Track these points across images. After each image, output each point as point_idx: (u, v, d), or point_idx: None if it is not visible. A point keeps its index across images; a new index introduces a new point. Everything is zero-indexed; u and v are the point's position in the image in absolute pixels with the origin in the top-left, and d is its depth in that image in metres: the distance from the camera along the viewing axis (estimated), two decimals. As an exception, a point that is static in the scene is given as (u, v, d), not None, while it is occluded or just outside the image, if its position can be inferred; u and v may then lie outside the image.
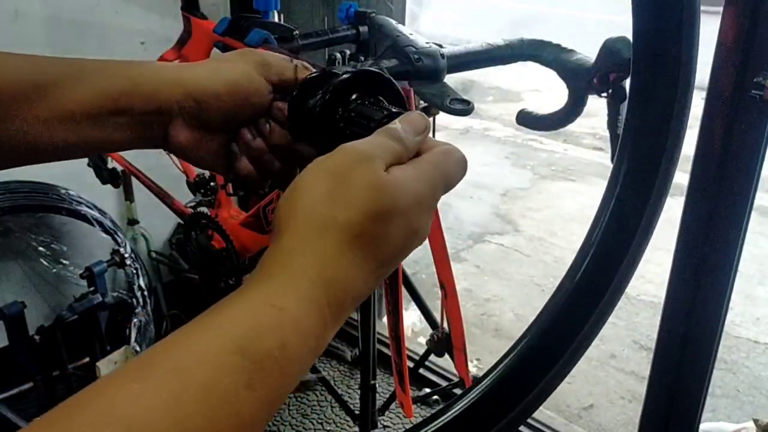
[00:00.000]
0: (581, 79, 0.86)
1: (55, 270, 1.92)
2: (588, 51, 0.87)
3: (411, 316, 2.28)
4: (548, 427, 1.80)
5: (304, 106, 0.52)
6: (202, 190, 1.57)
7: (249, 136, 0.57)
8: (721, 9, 0.84)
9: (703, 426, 1.14)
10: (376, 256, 0.40)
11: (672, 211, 0.87)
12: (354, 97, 0.50)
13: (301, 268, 0.38)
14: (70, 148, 0.53)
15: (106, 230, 1.91)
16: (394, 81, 0.51)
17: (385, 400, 1.59)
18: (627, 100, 0.78)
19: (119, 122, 0.53)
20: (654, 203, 0.78)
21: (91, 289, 1.78)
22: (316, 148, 0.54)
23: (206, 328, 0.36)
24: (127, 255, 1.90)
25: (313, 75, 0.53)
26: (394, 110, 0.49)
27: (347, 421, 1.86)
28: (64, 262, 1.93)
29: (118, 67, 0.55)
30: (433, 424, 0.88)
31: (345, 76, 0.50)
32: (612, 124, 0.88)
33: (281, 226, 0.40)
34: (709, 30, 0.76)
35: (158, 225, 2.17)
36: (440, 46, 0.92)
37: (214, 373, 0.33)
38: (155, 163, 1.77)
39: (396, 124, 0.46)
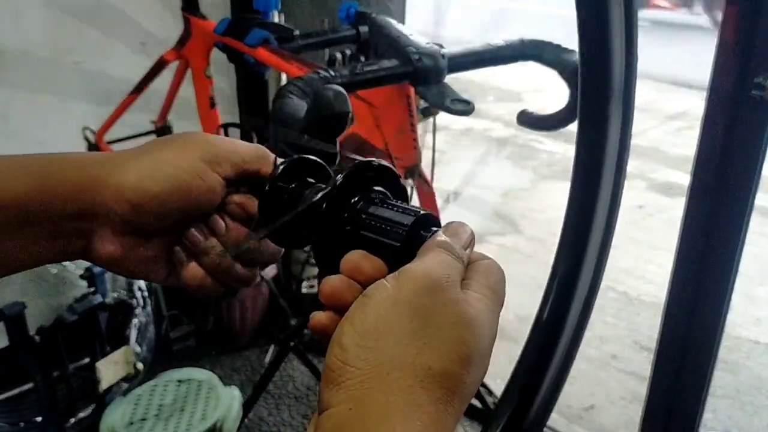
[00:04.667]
0: (582, 79, 0.86)
1: (55, 270, 1.92)
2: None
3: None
4: (549, 428, 1.80)
5: (286, 206, 0.46)
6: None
7: (199, 237, 0.47)
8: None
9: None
10: (461, 405, 0.35)
11: (673, 211, 0.87)
12: (357, 198, 0.43)
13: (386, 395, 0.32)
14: None
15: (106, 230, 1.91)
16: (392, 168, 0.45)
17: (385, 400, 1.58)
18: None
19: (27, 234, 0.42)
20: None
21: (92, 289, 1.78)
22: (292, 246, 0.49)
23: None
24: (127, 255, 1.90)
25: (284, 165, 0.47)
26: (414, 208, 0.43)
27: (347, 421, 1.86)
28: (65, 262, 1.93)
29: (26, 161, 0.45)
30: None
31: (344, 174, 0.43)
32: (612, 124, 0.87)
33: (361, 373, 0.33)
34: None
35: (158, 225, 2.17)
36: (440, 46, 0.92)
37: None
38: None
39: (443, 237, 0.40)
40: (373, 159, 0.44)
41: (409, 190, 1.16)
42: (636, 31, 0.69)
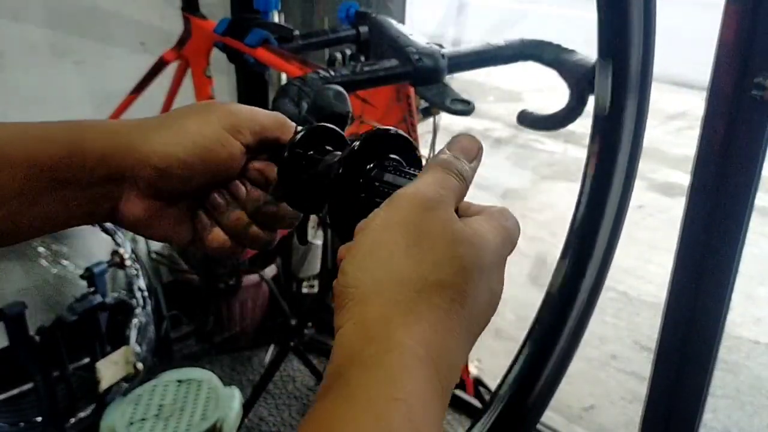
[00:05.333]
0: (582, 79, 0.86)
1: (55, 270, 1.92)
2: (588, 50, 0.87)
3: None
4: (549, 428, 1.80)
5: (304, 171, 0.47)
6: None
7: (220, 201, 0.49)
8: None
9: None
10: (469, 320, 0.36)
11: (673, 211, 0.87)
12: (372, 165, 0.44)
13: (407, 347, 0.33)
14: None
15: (106, 231, 1.91)
16: (408, 137, 0.45)
17: (385, 400, 1.58)
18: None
19: (58, 197, 0.44)
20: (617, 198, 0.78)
21: (91, 289, 1.78)
22: (309, 210, 0.50)
23: (345, 389, 0.31)
24: (127, 255, 1.90)
25: (303, 132, 0.48)
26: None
27: (347, 421, 1.86)
28: (65, 262, 1.93)
29: (54, 129, 0.46)
30: None
31: (360, 140, 0.43)
32: (612, 124, 0.87)
33: (359, 292, 0.35)
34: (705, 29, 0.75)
35: (158, 225, 2.17)
36: (441, 46, 0.92)
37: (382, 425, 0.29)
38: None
39: (447, 154, 0.41)
40: (390, 128, 0.45)
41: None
42: (655, 21, 0.68)
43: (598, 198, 0.77)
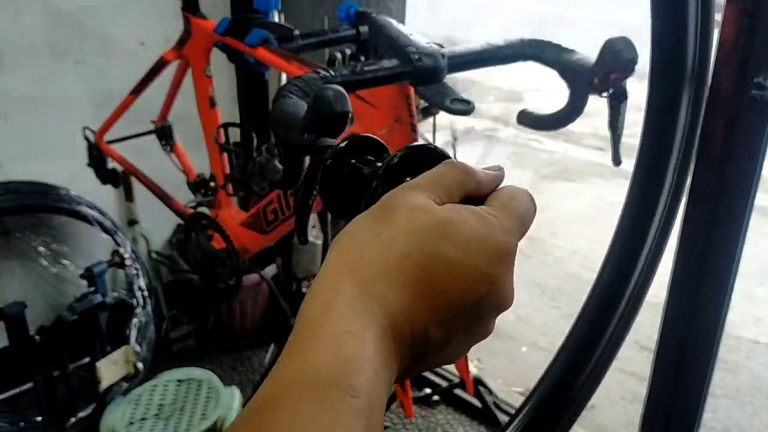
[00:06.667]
0: (582, 79, 0.86)
1: (55, 270, 1.92)
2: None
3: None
4: (549, 428, 1.79)
5: (345, 178, 0.48)
6: (202, 191, 1.57)
7: None
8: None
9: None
10: (433, 288, 0.35)
11: (672, 211, 0.87)
12: (409, 178, 0.43)
13: (347, 284, 0.34)
14: None
15: (106, 230, 1.91)
16: (447, 154, 0.44)
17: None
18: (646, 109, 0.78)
19: None
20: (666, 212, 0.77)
21: (92, 289, 1.78)
22: (343, 216, 0.50)
23: (297, 380, 0.31)
24: (127, 255, 1.90)
25: (347, 141, 0.49)
26: None
27: (347, 421, 1.86)
28: (65, 262, 1.93)
29: None
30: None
31: (400, 153, 0.43)
32: (613, 124, 0.88)
33: (332, 264, 0.36)
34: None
35: (158, 225, 2.17)
36: (441, 46, 0.92)
37: (337, 427, 0.29)
38: (155, 163, 1.77)
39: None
40: (429, 143, 0.45)
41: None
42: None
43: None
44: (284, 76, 1.72)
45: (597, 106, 0.90)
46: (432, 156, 0.44)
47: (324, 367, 0.31)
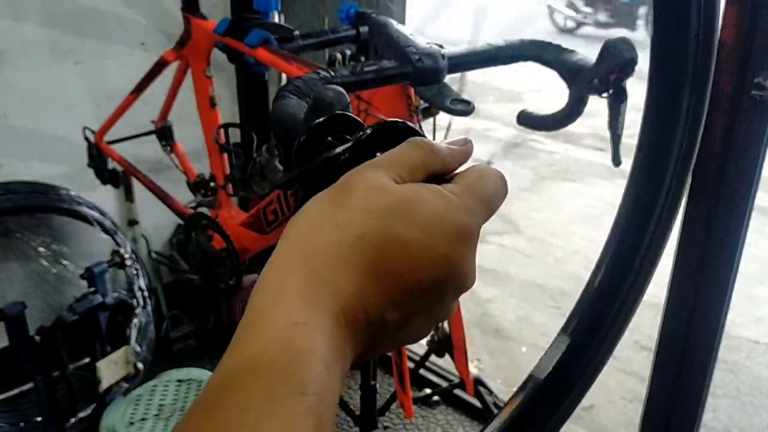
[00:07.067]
0: (582, 80, 0.86)
1: (55, 270, 1.92)
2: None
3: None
4: (549, 428, 1.79)
5: (318, 156, 0.46)
6: (202, 191, 1.57)
7: None
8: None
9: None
10: (389, 271, 0.34)
11: (672, 211, 0.87)
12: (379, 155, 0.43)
13: (297, 271, 0.33)
14: None
15: (106, 231, 1.91)
16: (421, 132, 0.43)
17: (385, 400, 1.58)
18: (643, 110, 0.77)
19: None
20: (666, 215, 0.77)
21: (92, 289, 1.78)
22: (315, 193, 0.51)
23: (245, 373, 0.30)
24: (127, 255, 1.90)
25: (323, 119, 0.47)
26: None
27: (348, 421, 1.86)
28: (65, 262, 1.93)
29: None
30: None
31: (368, 131, 0.42)
32: (612, 124, 0.88)
33: (286, 243, 0.35)
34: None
35: (158, 225, 2.17)
36: (441, 46, 0.92)
37: (287, 427, 0.28)
38: (155, 163, 1.77)
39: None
40: (400, 120, 0.44)
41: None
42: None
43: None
44: (284, 77, 1.72)
45: (597, 106, 0.90)
46: (405, 133, 0.42)
47: (273, 362, 0.30)
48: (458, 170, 0.40)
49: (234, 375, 0.30)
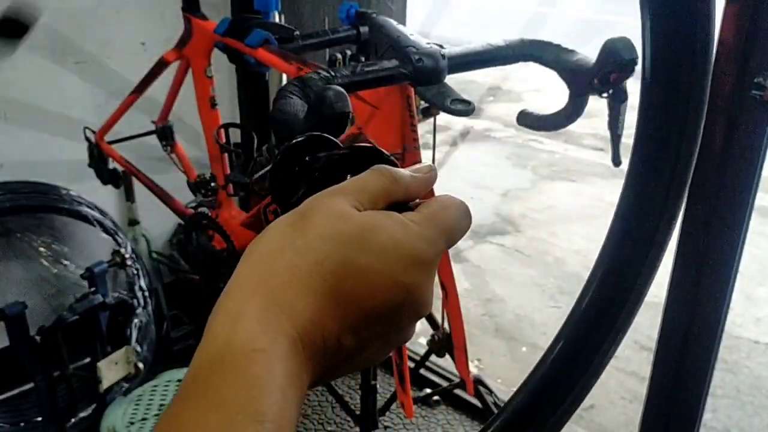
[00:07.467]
0: (582, 80, 0.86)
1: (55, 270, 1.92)
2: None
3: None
4: (549, 428, 1.79)
5: (288, 176, 0.46)
6: (202, 191, 1.57)
7: None
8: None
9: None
10: (346, 297, 0.34)
11: (672, 211, 0.87)
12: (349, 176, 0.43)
13: (256, 295, 0.33)
14: None
15: (106, 231, 1.91)
16: (390, 156, 0.44)
17: (385, 400, 1.59)
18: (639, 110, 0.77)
19: None
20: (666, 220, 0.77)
21: (92, 289, 1.78)
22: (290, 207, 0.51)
23: (204, 398, 0.30)
24: (127, 255, 1.90)
25: (299, 140, 0.47)
26: None
27: (348, 421, 1.86)
28: (65, 262, 1.93)
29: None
30: None
31: (334, 153, 0.43)
32: (613, 124, 0.88)
33: (240, 263, 0.36)
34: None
35: (159, 225, 2.17)
36: (441, 46, 0.92)
37: None
38: (156, 163, 1.77)
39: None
40: (370, 145, 0.44)
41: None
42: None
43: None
44: (284, 77, 1.72)
45: (597, 106, 0.90)
46: (375, 158, 0.42)
47: (231, 389, 0.30)
48: (424, 198, 0.41)
49: (193, 401, 0.31)
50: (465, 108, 0.84)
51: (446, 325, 1.41)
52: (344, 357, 0.35)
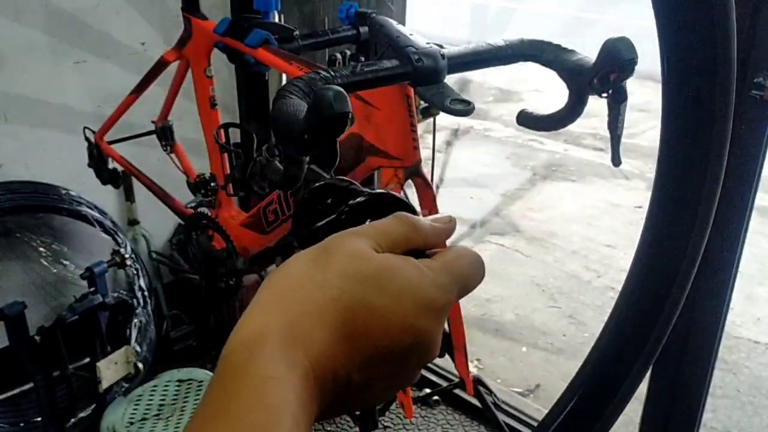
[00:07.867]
0: (582, 80, 0.86)
1: (55, 270, 1.92)
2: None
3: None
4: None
5: (311, 222, 0.47)
6: (202, 191, 1.57)
7: None
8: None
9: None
10: (359, 334, 0.35)
11: (672, 211, 0.87)
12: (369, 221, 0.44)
13: (274, 323, 0.34)
14: None
15: (106, 231, 1.91)
16: (411, 205, 0.44)
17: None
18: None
19: None
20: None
21: (92, 289, 1.78)
22: None
23: (221, 422, 0.31)
24: (127, 255, 1.90)
25: (320, 185, 0.49)
26: None
27: (347, 421, 1.86)
28: (65, 262, 1.93)
29: None
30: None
31: (360, 199, 0.44)
32: (612, 124, 0.88)
33: (259, 291, 0.37)
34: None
35: (159, 225, 2.17)
36: (440, 46, 0.92)
37: None
38: (156, 163, 1.77)
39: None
40: (394, 193, 0.45)
41: (409, 191, 1.16)
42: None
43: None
44: (284, 77, 1.72)
45: (597, 106, 0.90)
46: (396, 206, 0.43)
47: (247, 415, 0.31)
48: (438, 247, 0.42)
49: (211, 422, 0.31)
50: (465, 108, 0.84)
51: (446, 325, 1.40)
52: (351, 393, 0.36)
